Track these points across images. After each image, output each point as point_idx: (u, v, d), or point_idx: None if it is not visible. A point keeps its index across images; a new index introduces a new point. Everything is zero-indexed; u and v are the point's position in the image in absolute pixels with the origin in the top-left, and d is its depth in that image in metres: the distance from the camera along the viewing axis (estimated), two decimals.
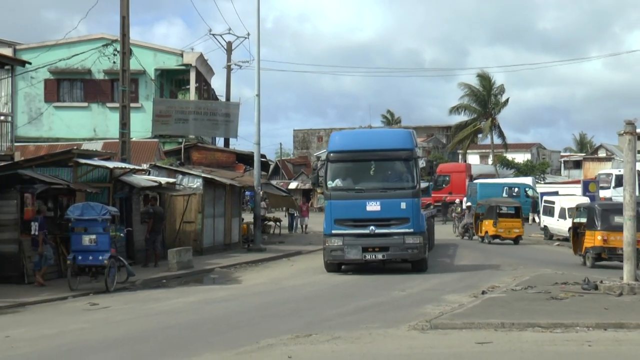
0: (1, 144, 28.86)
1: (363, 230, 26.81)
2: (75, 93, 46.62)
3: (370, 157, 27.58)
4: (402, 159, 27.51)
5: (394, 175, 27.72)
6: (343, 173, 27.69)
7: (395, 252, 26.88)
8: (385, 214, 26.76)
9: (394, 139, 28.43)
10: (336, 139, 28.60)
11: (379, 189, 27.15)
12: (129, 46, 33.67)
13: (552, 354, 13.53)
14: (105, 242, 24.40)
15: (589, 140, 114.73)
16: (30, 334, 17.05)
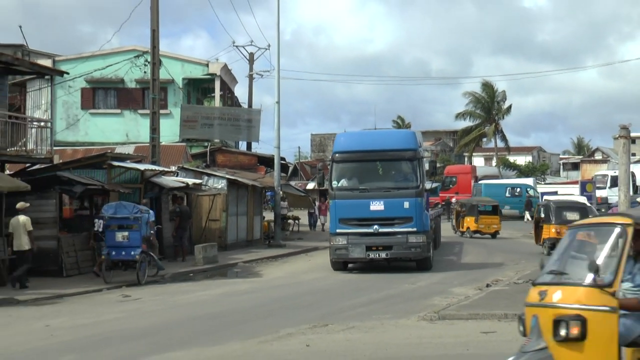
0: (41, 147, 28.93)
1: (367, 230, 25.69)
2: (109, 101, 46.74)
3: (375, 157, 26.46)
4: (405, 159, 26.31)
5: (398, 175, 26.52)
6: (348, 173, 26.65)
7: (399, 251, 25.70)
8: (389, 213, 25.64)
9: (398, 140, 27.31)
10: (341, 139, 27.74)
11: (383, 188, 26.02)
12: (159, 57, 33.77)
13: None
14: (136, 239, 24.47)
15: (586, 143, 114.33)
16: (68, 323, 17.14)
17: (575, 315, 7.79)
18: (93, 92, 46.41)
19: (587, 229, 8.99)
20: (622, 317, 8.03)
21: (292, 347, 13.60)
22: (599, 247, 8.43)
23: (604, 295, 7.86)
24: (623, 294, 8.27)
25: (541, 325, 8.07)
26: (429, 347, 13.34)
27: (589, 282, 7.96)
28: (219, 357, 12.94)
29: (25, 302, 20.85)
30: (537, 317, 8.19)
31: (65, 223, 27.54)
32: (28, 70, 31.69)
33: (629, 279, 8.57)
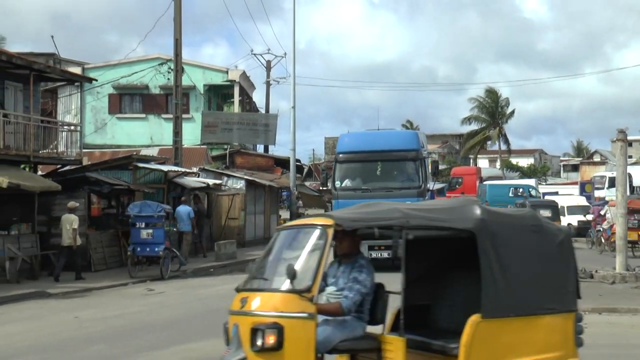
0: (71, 150, 29.07)
1: None
2: (135, 106, 46.87)
3: (377, 157, 25.40)
4: (407, 159, 25.21)
5: (400, 175, 25.45)
6: (350, 173, 25.58)
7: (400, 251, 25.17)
8: None
9: (400, 140, 26.08)
10: (344, 140, 26.55)
11: (385, 188, 24.82)
12: (181, 65, 33.88)
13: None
14: (160, 236, 24.58)
15: (586, 146, 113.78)
16: (97, 315, 17.23)
17: (272, 324, 7.00)
18: (120, 98, 46.55)
19: (292, 231, 8.15)
20: (323, 324, 7.47)
21: None
22: (300, 250, 7.59)
23: (302, 301, 7.10)
24: (327, 299, 7.70)
25: (241, 335, 7.24)
26: None
27: (286, 288, 7.21)
28: None
29: (56, 295, 21.01)
30: (237, 325, 7.38)
31: (93, 221, 27.66)
32: (59, 77, 31.87)
33: (333, 283, 7.90)
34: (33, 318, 17.10)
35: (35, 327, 15.63)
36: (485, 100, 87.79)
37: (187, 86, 41.41)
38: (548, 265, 7.99)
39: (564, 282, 8.08)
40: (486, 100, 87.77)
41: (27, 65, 27.20)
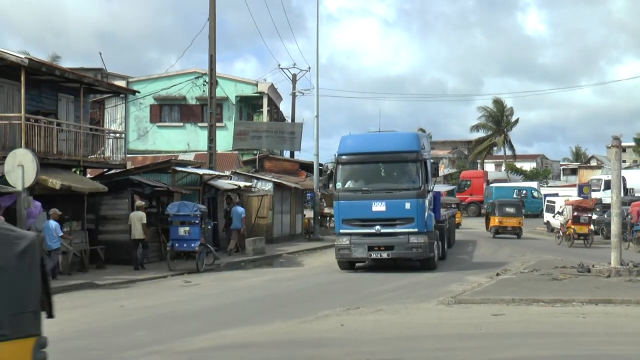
0: (117, 155, 29.20)
1: (369, 230, 23.03)
2: (173, 115, 47.05)
3: (377, 159, 23.78)
4: (407, 161, 23.47)
5: (400, 176, 23.68)
6: (351, 175, 23.90)
7: (400, 251, 22.96)
8: (390, 214, 22.92)
9: (400, 142, 24.14)
10: (346, 142, 24.61)
11: (385, 189, 23.28)
12: (215, 78, 33.98)
13: (553, 324, 13.43)
14: (196, 233, 24.63)
15: (583, 152, 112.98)
16: (139, 304, 17.30)
17: None
18: (160, 108, 46.76)
19: None
20: None
21: (329, 327, 13.62)
22: None
23: None
24: None
25: None
26: (447, 327, 13.31)
27: None
28: (266, 334, 12.99)
29: (104, 286, 21.08)
30: None
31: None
32: (106, 90, 32.03)
33: None
34: (83, 306, 17.20)
35: (85, 315, 15.73)
36: (492, 110, 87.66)
37: (221, 97, 41.54)
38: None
39: (20, 301, 5.48)
40: (493, 109, 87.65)
41: (78, 79, 27.37)
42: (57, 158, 25.09)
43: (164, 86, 44.50)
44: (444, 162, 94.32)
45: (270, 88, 48.73)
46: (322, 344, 11.83)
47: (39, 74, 25.04)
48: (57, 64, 32.97)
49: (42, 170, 22.21)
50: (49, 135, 24.76)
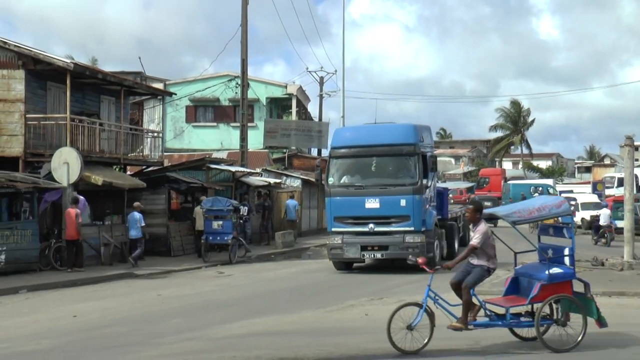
0: (155, 153, 29.42)
1: (362, 228, 20.46)
2: (208, 116, 47.20)
3: (371, 152, 20.94)
4: (403, 154, 20.60)
5: (395, 171, 20.78)
6: (344, 169, 21.19)
7: (395, 252, 20.29)
8: (385, 211, 20.29)
9: (396, 134, 21.15)
10: (339, 134, 22.20)
11: (379, 185, 20.51)
12: (247, 81, 34.12)
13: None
14: (229, 227, 24.76)
15: (597, 150, 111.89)
16: (176, 293, 17.42)
17: None
18: (195, 109, 46.95)
19: None
20: None
21: (354, 316, 13.65)
22: None
23: None
24: None
25: None
26: None
27: None
28: (294, 322, 13.04)
29: (142, 276, 21.26)
30: None
31: (172, 213, 28.03)
32: (145, 92, 32.28)
33: None
34: (123, 295, 17.36)
35: (125, 303, 15.87)
36: (510, 110, 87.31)
37: (252, 99, 41.65)
38: None
39: None
40: (510, 110, 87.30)
41: (118, 82, 27.61)
42: (100, 156, 25.34)
43: (199, 88, 44.71)
44: (463, 160, 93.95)
45: (298, 90, 48.77)
46: (348, 332, 11.86)
47: (83, 77, 25.31)
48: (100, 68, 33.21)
49: (85, 167, 22.50)
50: (92, 134, 25.01)
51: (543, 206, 11.15)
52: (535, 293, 10.61)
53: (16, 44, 24.19)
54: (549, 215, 11.33)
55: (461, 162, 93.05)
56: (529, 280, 11.16)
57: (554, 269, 10.90)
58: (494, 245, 11.07)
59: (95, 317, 13.88)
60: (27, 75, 23.69)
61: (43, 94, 24.60)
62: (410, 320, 10.23)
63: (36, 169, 23.80)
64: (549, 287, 10.62)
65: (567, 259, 11.16)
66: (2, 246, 19.99)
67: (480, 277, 10.93)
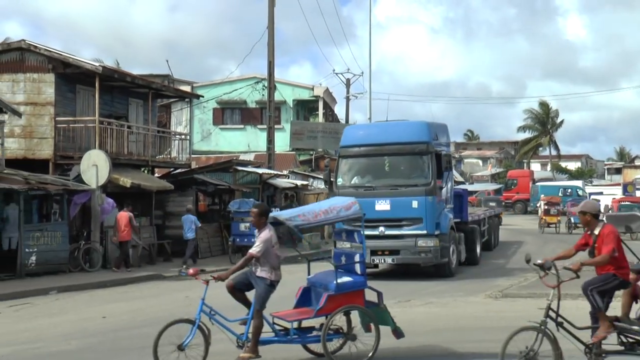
0: (182, 155, 29.58)
1: (372, 232, 18.83)
2: (235, 118, 47.42)
3: (382, 151, 19.77)
4: (415, 153, 19.38)
5: (407, 170, 19.61)
6: (353, 169, 20.18)
7: (406, 256, 19.17)
8: (396, 213, 19.05)
9: (408, 132, 19.87)
10: (348, 133, 21.17)
11: (390, 186, 19.34)
12: (274, 83, 34.18)
13: None
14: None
15: (627, 152, 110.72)
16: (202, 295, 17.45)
17: None
18: (222, 112, 47.19)
19: None
20: None
21: None
22: None
23: None
24: None
25: None
26: (494, 319, 13.20)
27: None
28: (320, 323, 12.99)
29: (170, 277, 21.36)
30: None
31: (200, 215, 28.08)
32: (172, 94, 32.49)
33: None
34: (151, 296, 17.46)
35: (153, 304, 15.97)
36: (538, 111, 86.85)
37: (279, 101, 41.76)
38: None
39: None
40: (538, 111, 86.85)
41: (146, 85, 27.80)
42: (128, 158, 25.53)
43: (226, 91, 44.91)
44: (491, 161, 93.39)
45: (325, 92, 48.80)
46: None
47: (112, 80, 25.53)
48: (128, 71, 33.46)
49: (114, 169, 22.69)
50: (120, 137, 25.22)
51: (331, 208, 10.18)
52: (322, 305, 9.85)
53: (46, 48, 24.48)
54: (337, 218, 10.29)
55: (489, 163, 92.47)
56: (318, 291, 10.39)
57: (343, 277, 10.02)
58: (278, 254, 10.31)
59: (124, 318, 13.97)
60: (56, 79, 23.96)
61: (72, 97, 24.85)
62: (182, 339, 9.22)
63: (65, 171, 24.04)
64: (337, 298, 9.79)
65: (358, 266, 10.29)
66: (33, 248, 20.23)
67: (266, 296, 10.06)
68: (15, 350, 10.94)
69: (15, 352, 10.83)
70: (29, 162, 23.69)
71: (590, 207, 9.24)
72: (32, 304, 16.28)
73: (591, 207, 9.25)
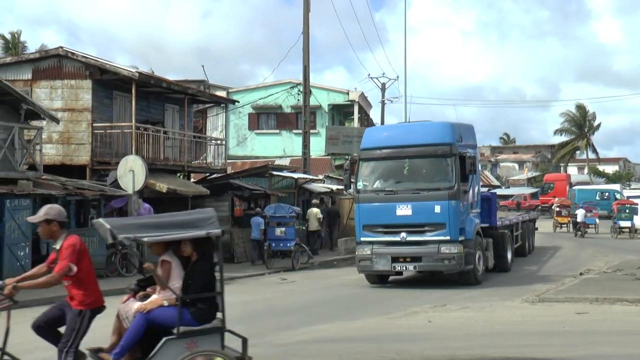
0: (218, 161, 29.72)
1: (393, 238, 18.46)
2: (270, 123, 47.54)
3: (403, 153, 18.82)
4: (438, 155, 18.43)
5: (429, 174, 18.68)
6: (374, 173, 19.27)
7: (429, 263, 18.34)
8: (418, 219, 18.24)
9: (431, 133, 18.97)
10: (369, 135, 20.22)
11: (412, 190, 18.48)
12: (309, 88, 34.19)
13: (636, 323, 12.97)
14: (292, 233, 24.82)
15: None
16: (239, 300, 17.40)
17: None
18: (257, 117, 47.35)
19: None
20: None
21: (417, 323, 13.50)
22: None
23: None
24: None
25: None
26: (531, 324, 13.03)
27: None
28: (357, 329, 12.96)
29: None
30: None
31: (235, 220, 28.16)
32: (208, 100, 32.67)
33: None
34: None
35: None
36: (575, 114, 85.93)
37: (314, 106, 41.75)
38: None
39: None
40: (575, 114, 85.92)
41: (182, 91, 27.99)
42: (164, 163, 25.70)
43: (261, 96, 45.07)
44: (527, 165, 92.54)
45: (360, 96, 48.72)
46: (411, 339, 11.73)
47: (148, 86, 25.72)
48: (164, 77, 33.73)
49: (150, 174, 22.81)
50: (156, 142, 25.40)
51: None
52: None
53: (83, 55, 24.75)
54: None
55: (525, 167, 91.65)
56: None
57: None
58: None
59: None
60: (93, 85, 24.21)
61: (109, 103, 25.08)
62: None
63: (103, 176, 24.25)
64: None
65: None
66: None
67: None
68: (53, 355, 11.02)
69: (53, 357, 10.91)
70: (67, 168, 23.95)
71: (55, 214, 7.44)
72: None
73: (56, 214, 7.45)
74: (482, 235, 20.01)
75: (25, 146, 21.38)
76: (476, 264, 19.07)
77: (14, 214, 19.46)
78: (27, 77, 24.53)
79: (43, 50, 25.05)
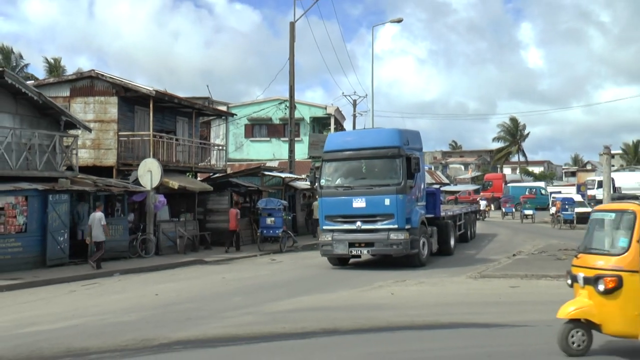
0: (219, 163, 29.61)
1: (350, 226, 18.24)
2: (262, 132, 47.35)
3: (359, 155, 18.62)
4: (387, 157, 18.23)
5: (381, 172, 18.34)
6: (334, 171, 18.91)
7: (380, 248, 18.08)
8: (370, 210, 18.00)
9: (382, 138, 18.74)
10: (331, 139, 19.89)
11: (366, 186, 18.22)
12: (294, 103, 34.12)
13: (558, 294, 13.07)
14: (280, 222, 24.79)
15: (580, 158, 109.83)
16: (237, 277, 17.44)
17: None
18: (252, 127, 47.15)
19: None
20: None
21: (382, 294, 13.53)
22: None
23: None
24: None
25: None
26: (474, 296, 13.10)
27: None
28: (332, 300, 12.96)
29: (210, 262, 21.36)
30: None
31: None
32: (212, 113, 32.52)
33: None
34: (194, 278, 17.45)
35: (196, 284, 15.95)
36: (509, 125, 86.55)
37: (298, 118, 41.70)
38: None
39: None
40: (510, 125, 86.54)
41: (190, 106, 27.86)
42: (176, 165, 25.57)
43: (255, 110, 44.91)
44: (471, 166, 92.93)
45: (336, 110, 48.67)
46: (377, 308, 11.76)
47: (163, 102, 25.60)
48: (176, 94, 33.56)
49: (164, 174, 22.71)
50: (169, 148, 25.27)
51: None
52: None
53: (111, 76, 24.58)
54: None
55: (469, 168, 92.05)
56: None
57: None
58: None
59: (172, 296, 13.96)
60: (119, 101, 24.07)
61: (131, 116, 24.93)
62: None
63: (126, 176, 24.12)
64: None
65: None
66: None
67: None
68: (87, 321, 10.96)
69: (87, 322, 10.85)
70: (97, 169, 23.79)
71: None
72: (99, 284, 16.31)
73: None
74: (426, 224, 19.74)
75: (64, 151, 21.37)
76: (420, 248, 18.83)
77: (55, 206, 19.33)
78: (66, 94, 24.32)
79: (78, 73, 24.86)
